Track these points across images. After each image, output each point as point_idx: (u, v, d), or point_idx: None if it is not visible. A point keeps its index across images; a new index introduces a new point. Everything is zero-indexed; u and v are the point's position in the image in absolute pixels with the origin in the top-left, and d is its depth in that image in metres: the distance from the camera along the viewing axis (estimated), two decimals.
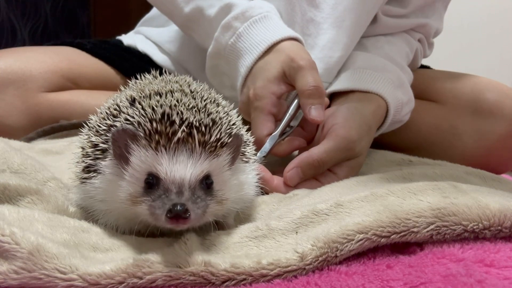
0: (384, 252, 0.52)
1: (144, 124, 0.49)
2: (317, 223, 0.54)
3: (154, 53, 1.17)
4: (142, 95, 0.54)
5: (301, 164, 0.72)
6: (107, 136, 0.53)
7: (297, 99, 0.79)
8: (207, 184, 0.50)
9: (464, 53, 2.20)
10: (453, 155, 0.93)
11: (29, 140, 1.01)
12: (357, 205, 0.56)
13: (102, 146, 0.53)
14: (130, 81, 0.64)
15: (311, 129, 0.82)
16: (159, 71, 0.64)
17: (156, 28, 1.22)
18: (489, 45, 2.26)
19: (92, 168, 0.54)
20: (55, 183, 0.65)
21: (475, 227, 0.53)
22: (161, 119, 0.49)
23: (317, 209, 0.56)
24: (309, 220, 0.55)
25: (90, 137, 0.56)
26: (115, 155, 0.51)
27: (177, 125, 0.49)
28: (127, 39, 1.24)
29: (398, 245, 0.53)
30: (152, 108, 0.51)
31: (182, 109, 0.50)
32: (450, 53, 1.89)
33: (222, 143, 0.51)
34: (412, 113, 0.95)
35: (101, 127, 0.55)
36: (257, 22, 0.85)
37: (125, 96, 0.56)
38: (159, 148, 0.48)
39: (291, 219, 0.55)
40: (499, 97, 0.98)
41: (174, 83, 0.58)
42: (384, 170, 0.80)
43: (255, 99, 0.80)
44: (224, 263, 0.46)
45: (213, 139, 0.50)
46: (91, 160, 0.54)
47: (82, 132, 0.60)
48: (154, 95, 0.54)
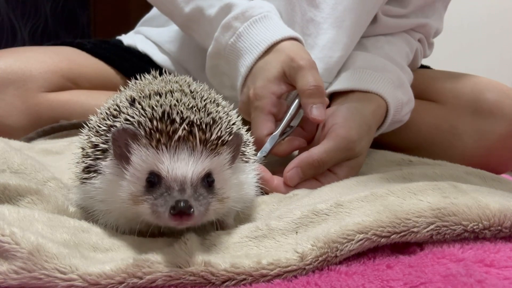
0: (384, 252, 0.52)
1: (144, 123, 0.50)
2: (317, 223, 0.54)
3: (154, 53, 1.17)
4: (142, 95, 0.55)
5: (301, 164, 0.72)
6: (107, 136, 0.53)
7: (298, 99, 0.79)
8: (209, 182, 0.50)
9: (464, 53, 2.20)
10: (453, 155, 0.93)
11: (29, 140, 1.01)
12: (357, 205, 0.56)
13: (102, 146, 0.53)
14: (130, 81, 0.64)
15: (311, 129, 0.82)
16: (159, 71, 0.64)
17: (156, 28, 1.22)
18: (489, 45, 2.26)
19: (92, 168, 0.54)
20: (55, 183, 0.65)
21: (475, 227, 0.53)
22: (161, 118, 0.49)
23: (317, 209, 0.56)
24: (309, 220, 0.55)
25: (90, 137, 0.56)
26: (116, 155, 0.51)
27: (177, 123, 0.49)
28: (127, 39, 1.24)
29: (398, 245, 0.53)
30: (152, 107, 0.51)
31: (182, 108, 0.50)
32: (450, 53, 1.89)
33: (222, 141, 0.51)
34: (412, 113, 0.95)
35: (101, 128, 0.55)
36: (257, 22, 0.86)
37: (125, 96, 0.56)
38: (160, 146, 0.48)
39: (291, 219, 0.55)
40: (499, 97, 0.98)
41: (174, 83, 0.58)
42: (384, 170, 0.80)
43: (255, 99, 0.80)
44: (224, 263, 0.46)
45: (214, 137, 0.50)
46: (91, 160, 0.54)
47: (82, 132, 0.60)
48: (154, 95, 0.54)
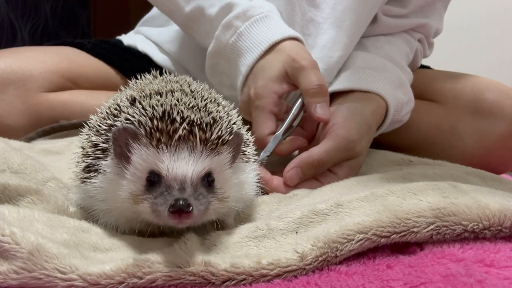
0: (384, 252, 0.52)
1: (144, 122, 0.50)
2: (317, 223, 0.54)
3: (154, 53, 1.17)
4: (142, 94, 0.55)
5: (301, 164, 0.72)
6: (108, 135, 0.53)
7: (300, 99, 0.79)
8: (209, 181, 0.50)
9: (464, 53, 2.20)
10: (453, 155, 0.93)
11: (29, 140, 1.01)
12: (357, 205, 0.56)
13: (102, 145, 0.53)
14: (130, 81, 0.64)
15: (312, 128, 0.82)
16: (159, 71, 0.64)
17: (156, 28, 1.22)
18: (489, 45, 2.26)
19: (92, 167, 0.54)
20: (55, 183, 0.65)
21: (475, 227, 0.53)
22: (161, 117, 0.49)
23: (317, 209, 0.56)
24: (309, 220, 0.55)
25: (90, 137, 0.56)
26: (116, 154, 0.51)
27: (178, 123, 0.49)
28: (127, 39, 1.24)
29: (398, 245, 0.53)
30: (152, 107, 0.51)
31: (182, 108, 0.50)
32: (450, 53, 1.89)
33: (223, 141, 0.51)
34: (412, 113, 0.95)
35: (102, 127, 0.55)
36: (258, 21, 0.86)
37: (126, 96, 0.56)
38: (160, 146, 0.48)
39: (291, 219, 0.55)
40: (499, 97, 0.98)
41: (174, 83, 0.58)
42: (384, 170, 0.80)
43: (256, 98, 0.80)
44: (224, 263, 0.46)
45: (214, 136, 0.50)
46: (91, 159, 0.54)
47: (82, 132, 0.60)
48: (154, 95, 0.54)
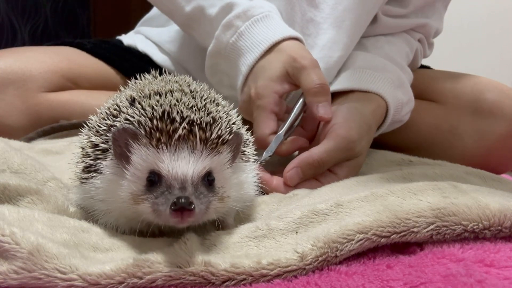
0: (384, 252, 0.52)
1: (144, 122, 0.50)
2: (317, 223, 0.54)
3: (154, 53, 1.17)
4: (142, 95, 0.55)
5: (301, 164, 0.72)
6: (107, 136, 0.53)
7: (302, 98, 0.79)
8: (209, 181, 0.50)
9: (464, 53, 2.20)
10: (453, 155, 0.93)
11: (29, 140, 1.01)
12: (357, 205, 0.56)
13: (102, 146, 0.53)
14: (130, 81, 0.64)
15: (312, 128, 0.82)
16: (159, 71, 0.64)
17: (156, 28, 1.22)
18: (489, 45, 2.26)
19: (92, 168, 0.54)
20: (55, 183, 0.65)
21: (475, 227, 0.53)
22: (161, 117, 0.49)
23: (317, 209, 0.56)
24: (309, 220, 0.55)
25: (90, 137, 0.56)
26: (116, 154, 0.51)
27: (177, 122, 0.49)
28: (127, 39, 1.24)
29: (398, 245, 0.53)
30: (152, 107, 0.51)
31: (182, 108, 0.50)
32: (450, 53, 1.89)
33: (223, 140, 0.51)
34: (412, 113, 0.95)
35: (101, 127, 0.55)
36: (258, 21, 0.86)
37: (125, 96, 0.56)
38: (160, 145, 0.49)
39: (291, 219, 0.55)
40: (499, 97, 0.98)
41: (174, 83, 0.58)
42: (384, 170, 0.80)
43: (257, 97, 0.80)
44: (224, 263, 0.46)
45: (214, 136, 0.50)
46: (91, 160, 0.54)
47: (82, 132, 0.60)
48: (154, 95, 0.54)
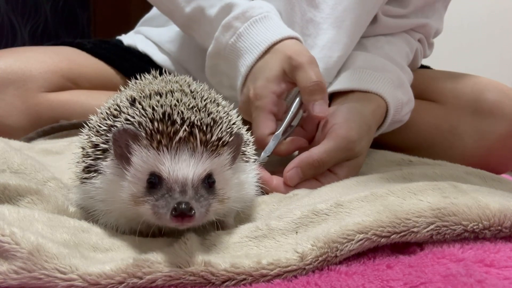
0: (384, 252, 0.52)
1: (145, 124, 0.50)
2: (317, 223, 0.54)
3: (154, 53, 1.17)
4: (142, 95, 0.55)
5: (301, 164, 0.72)
6: (108, 136, 0.53)
7: (299, 97, 0.79)
8: (209, 183, 0.50)
9: (464, 53, 2.20)
10: (453, 155, 0.93)
11: (29, 140, 1.01)
12: (357, 205, 0.56)
13: (102, 146, 0.53)
14: (130, 81, 0.64)
15: (311, 128, 0.82)
16: (159, 71, 0.64)
17: (156, 28, 1.22)
18: (489, 45, 2.26)
19: (92, 168, 0.54)
20: (55, 183, 0.65)
21: (475, 227, 0.53)
22: (162, 119, 0.49)
23: (317, 209, 0.56)
24: (309, 220, 0.55)
25: (90, 137, 0.56)
26: (116, 155, 0.51)
27: (178, 124, 0.49)
28: (127, 39, 1.24)
29: (398, 245, 0.53)
30: (152, 108, 0.51)
31: (182, 108, 0.50)
32: (450, 53, 1.89)
33: (223, 142, 0.51)
34: (412, 113, 0.95)
35: (102, 127, 0.55)
36: (257, 22, 0.86)
37: (125, 96, 0.56)
38: (161, 147, 0.48)
39: (291, 219, 0.55)
40: (499, 97, 0.98)
41: (174, 83, 0.58)
42: (384, 170, 0.80)
43: (255, 98, 0.80)
44: (224, 263, 0.46)
45: (215, 138, 0.50)
46: (91, 160, 0.54)
47: (82, 132, 0.60)
48: (154, 95, 0.54)
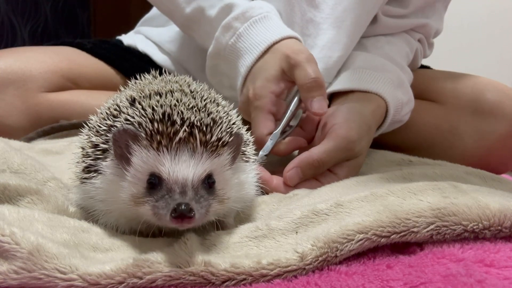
0: (384, 252, 0.52)
1: (145, 124, 0.49)
2: (317, 223, 0.54)
3: (154, 53, 1.17)
4: (142, 95, 0.54)
5: (301, 164, 0.72)
6: (108, 136, 0.53)
7: (298, 95, 0.80)
8: (209, 183, 0.50)
9: (464, 53, 2.20)
10: (453, 155, 0.93)
11: (29, 140, 1.01)
12: (357, 205, 0.56)
13: (102, 146, 0.53)
14: (130, 81, 0.64)
15: (311, 129, 0.82)
16: (159, 71, 0.64)
17: (156, 28, 1.22)
18: (489, 45, 2.26)
19: (92, 168, 0.54)
20: (55, 183, 0.65)
21: (475, 227, 0.53)
22: (162, 119, 0.49)
23: (317, 209, 0.56)
24: (309, 220, 0.55)
25: (90, 137, 0.56)
26: (116, 155, 0.51)
27: (178, 125, 0.49)
28: (127, 39, 1.24)
29: (398, 245, 0.53)
30: (152, 108, 0.51)
31: (182, 109, 0.50)
32: (450, 53, 1.89)
33: (223, 143, 0.51)
34: (412, 113, 0.95)
35: (101, 127, 0.55)
36: (257, 22, 0.86)
37: (125, 96, 0.56)
38: (161, 148, 0.48)
39: (291, 219, 0.55)
40: (499, 97, 0.98)
41: (174, 83, 0.58)
42: (384, 170, 0.80)
43: (254, 98, 0.80)
44: (224, 263, 0.46)
45: (214, 138, 0.50)
46: (91, 160, 0.54)
47: (82, 132, 0.60)
48: (154, 95, 0.54)
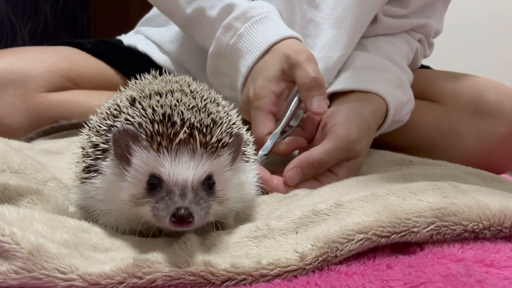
0: (384, 252, 0.52)
1: (145, 125, 0.49)
2: (317, 223, 0.54)
3: (154, 53, 1.17)
4: (142, 95, 0.54)
5: (301, 164, 0.72)
6: (108, 136, 0.52)
7: (298, 95, 0.80)
8: (209, 184, 0.50)
9: (464, 53, 2.20)
10: (453, 155, 0.93)
11: (29, 140, 1.01)
12: (357, 205, 0.56)
13: (102, 146, 0.53)
14: (130, 81, 0.64)
15: (311, 129, 0.82)
16: (159, 71, 0.64)
17: (156, 28, 1.22)
18: (489, 45, 2.26)
19: (92, 168, 0.54)
20: (55, 183, 0.65)
21: (475, 227, 0.53)
22: (162, 120, 0.49)
23: (317, 209, 0.56)
24: (309, 220, 0.55)
25: (90, 137, 0.56)
26: (116, 155, 0.51)
27: (178, 126, 0.49)
28: (127, 39, 1.24)
29: (398, 245, 0.53)
30: (152, 108, 0.51)
31: (182, 109, 0.50)
32: (450, 53, 1.89)
33: (223, 144, 0.51)
34: (412, 113, 0.95)
35: (102, 127, 0.55)
36: (257, 22, 0.86)
37: (125, 96, 0.56)
38: (161, 149, 0.48)
39: (291, 219, 0.55)
40: (499, 97, 0.98)
41: (174, 83, 0.58)
42: (384, 170, 0.80)
43: (255, 98, 0.80)
44: (224, 263, 0.46)
45: (214, 139, 0.50)
46: (91, 160, 0.54)
47: (82, 132, 0.60)
48: (154, 95, 0.54)
